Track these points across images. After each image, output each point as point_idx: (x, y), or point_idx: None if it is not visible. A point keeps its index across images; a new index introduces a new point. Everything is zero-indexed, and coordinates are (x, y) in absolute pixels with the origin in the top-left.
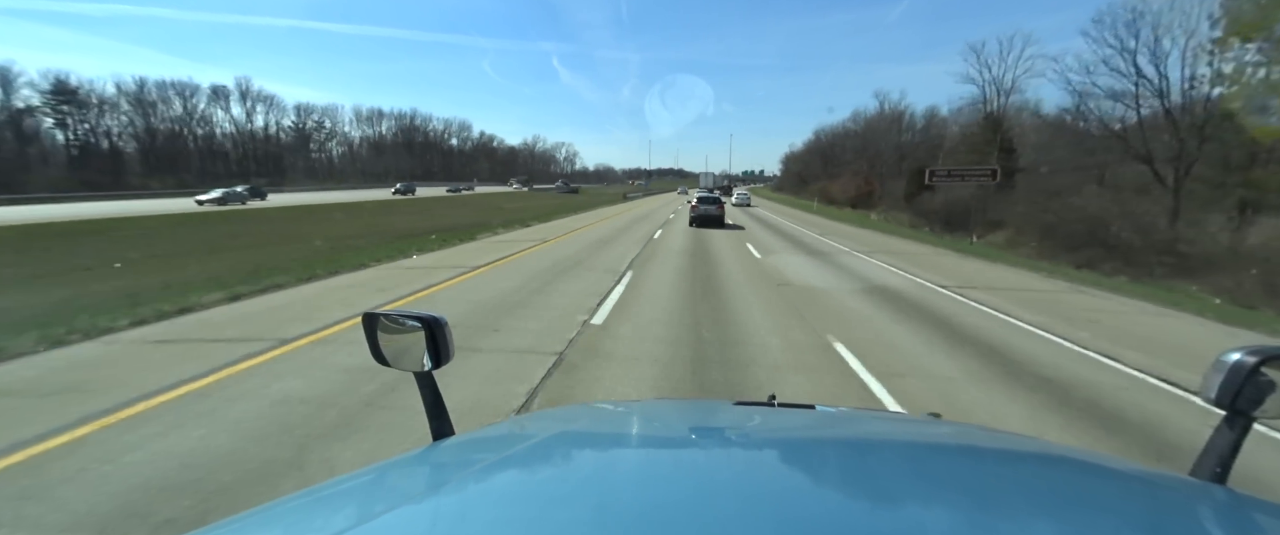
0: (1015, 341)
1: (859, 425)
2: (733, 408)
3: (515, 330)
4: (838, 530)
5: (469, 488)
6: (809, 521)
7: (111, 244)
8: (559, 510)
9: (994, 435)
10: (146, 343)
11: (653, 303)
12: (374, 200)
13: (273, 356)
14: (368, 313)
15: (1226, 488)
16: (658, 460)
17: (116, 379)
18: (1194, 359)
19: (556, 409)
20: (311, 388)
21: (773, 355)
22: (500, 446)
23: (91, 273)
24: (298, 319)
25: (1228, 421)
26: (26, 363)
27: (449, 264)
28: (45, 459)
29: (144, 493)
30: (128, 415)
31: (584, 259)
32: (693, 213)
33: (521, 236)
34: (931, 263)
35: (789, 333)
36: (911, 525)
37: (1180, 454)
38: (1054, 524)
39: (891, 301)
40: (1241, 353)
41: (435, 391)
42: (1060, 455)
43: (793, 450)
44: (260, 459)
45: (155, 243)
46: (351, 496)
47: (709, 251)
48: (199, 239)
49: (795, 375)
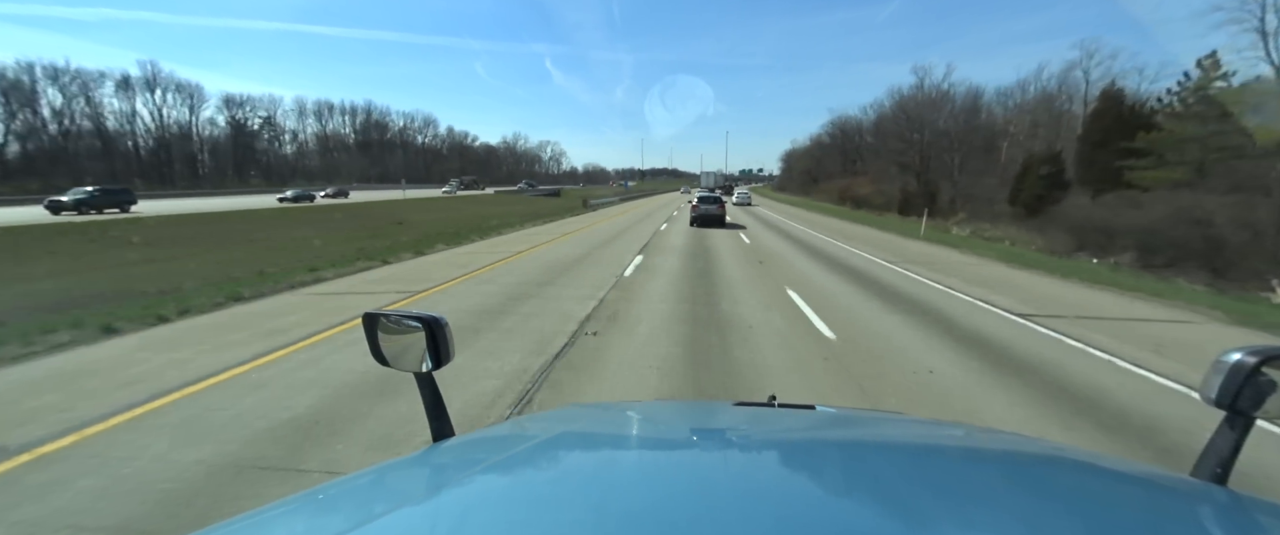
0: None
1: (858, 426)
2: (732, 408)
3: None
4: (837, 531)
5: (469, 489)
6: (809, 522)
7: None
8: (559, 511)
9: (994, 435)
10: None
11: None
12: (249, 209)
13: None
14: (368, 313)
15: (1227, 488)
16: (658, 461)
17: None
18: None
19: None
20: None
21: None
22: (500, 447)
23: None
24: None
25: (1228, 422)
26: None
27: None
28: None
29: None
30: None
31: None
32: (693, 212)
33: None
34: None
35: None
36: (912, 526)
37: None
38: (1054, 525)
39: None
40: (1242, 353)
41: (435, 392)
42: (1060, 456)
43: (792, 451)
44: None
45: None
46: (352, 497)
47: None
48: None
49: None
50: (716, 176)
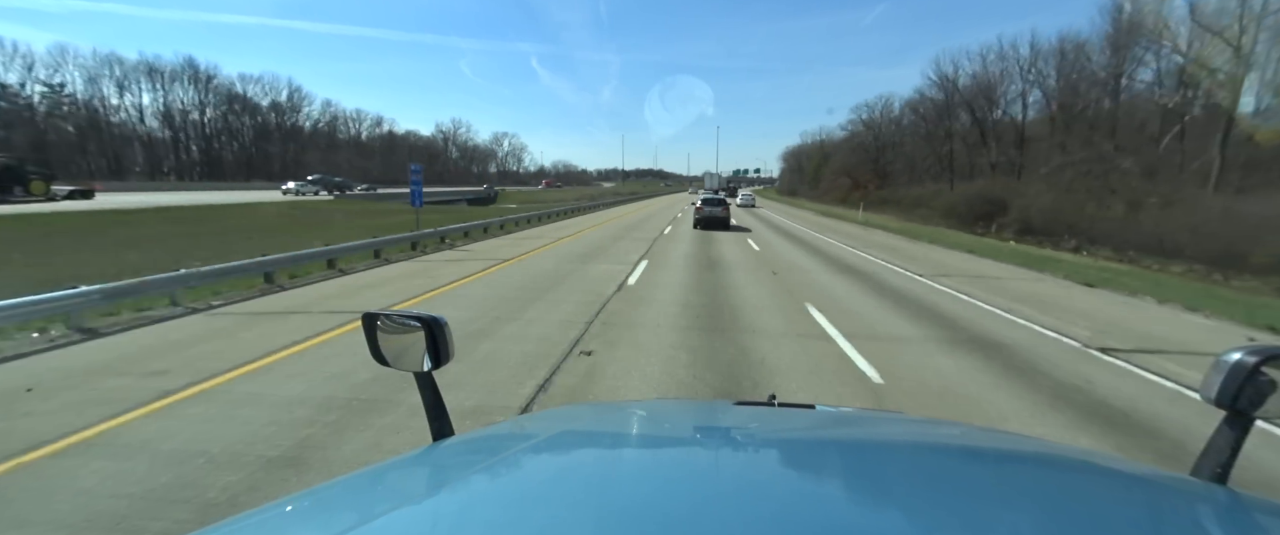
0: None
1: (859, 426)
2: (733, 408)
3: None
4: (838, 530)
5: (469, 488)
6: (809, 521)
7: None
8: (559, 510)
9: (994, 435)
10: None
11: None
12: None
13: None
14: (367, 313)
15: (1227, 488)
16: (658, 460)
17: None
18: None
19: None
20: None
21: None
22: (500, 446)
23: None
24: None
25: (1228, 421)
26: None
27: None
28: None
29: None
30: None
31: None
32: (697, 215)
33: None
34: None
35: None
36: (912, 525)
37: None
38: (1054, 524)
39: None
40: (1242, 352)
41: (435, 392)
42: (1060, 456)
43: (793, 450)
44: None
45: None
46: (352, 497)
47: None
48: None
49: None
50: (719, 179)
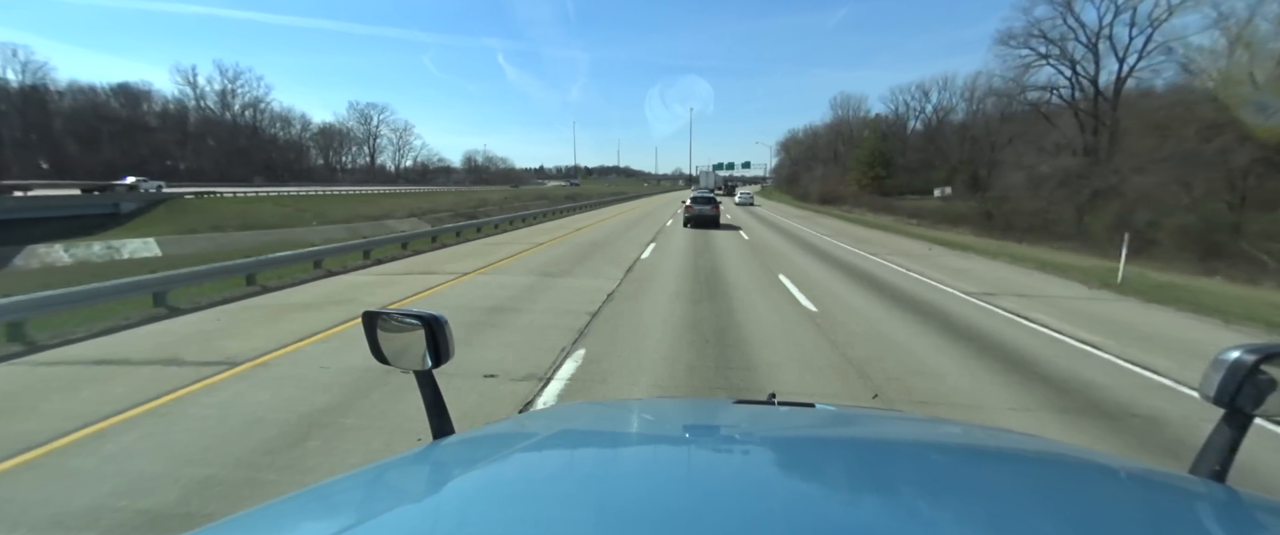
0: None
1: (858, 424)
2: (733, 406)
3: None
4: (837, 529)
5: (470, 486)
6: (808, 519)
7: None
8: (559, 509)
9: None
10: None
11: None
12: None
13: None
14: (368, 311)
15: (1226, 486)
16: (658, 459)
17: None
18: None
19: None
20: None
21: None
22: (501, 445)
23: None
24: None
25: (1227, 419)
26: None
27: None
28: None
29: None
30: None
31: None
32: (687, 213)
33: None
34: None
35: None
36: (912, 524)
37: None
38: (1054, 523)
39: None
40: (1241, 350)
41: (435, 390)
42: (1060, 454)
43: (792, 449)
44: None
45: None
46: (352, 495)
47: None
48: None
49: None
50: (714, 177)
